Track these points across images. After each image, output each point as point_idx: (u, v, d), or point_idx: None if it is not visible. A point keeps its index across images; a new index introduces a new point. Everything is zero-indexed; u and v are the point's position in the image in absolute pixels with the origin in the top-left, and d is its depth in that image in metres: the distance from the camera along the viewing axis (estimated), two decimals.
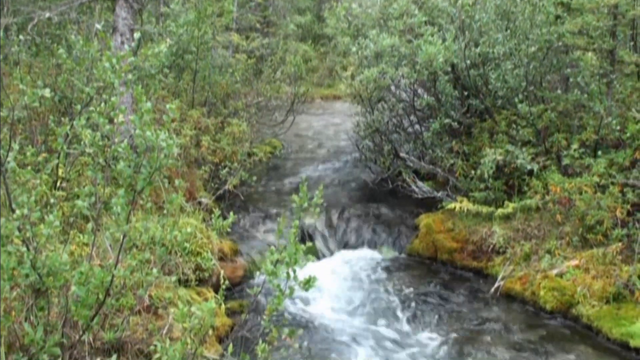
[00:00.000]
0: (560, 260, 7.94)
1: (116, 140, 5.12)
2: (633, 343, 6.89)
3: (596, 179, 8.18)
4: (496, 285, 8.32)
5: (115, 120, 5.19)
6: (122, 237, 4.84)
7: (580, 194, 8.15)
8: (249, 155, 10.80)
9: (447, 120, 10.03)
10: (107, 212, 5.94)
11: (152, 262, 5.83)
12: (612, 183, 8.10)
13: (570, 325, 7.49)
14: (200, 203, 8.78)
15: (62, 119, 7.13)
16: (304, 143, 14.60)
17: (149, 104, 4.46)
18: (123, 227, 4.71)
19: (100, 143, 5.52)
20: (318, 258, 9.38)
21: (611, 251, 7.64)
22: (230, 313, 7.25)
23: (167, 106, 4.74)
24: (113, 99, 5.13)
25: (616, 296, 7.35)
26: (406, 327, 7.55)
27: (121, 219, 4.76)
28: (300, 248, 4.68)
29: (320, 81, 21.06)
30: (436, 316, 7.77)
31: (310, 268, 7.82)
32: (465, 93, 10.40)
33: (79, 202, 4.96)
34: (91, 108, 5.73)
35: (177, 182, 5.58)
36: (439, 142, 10.35)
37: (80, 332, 4.93)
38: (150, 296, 6.11)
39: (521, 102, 9.26)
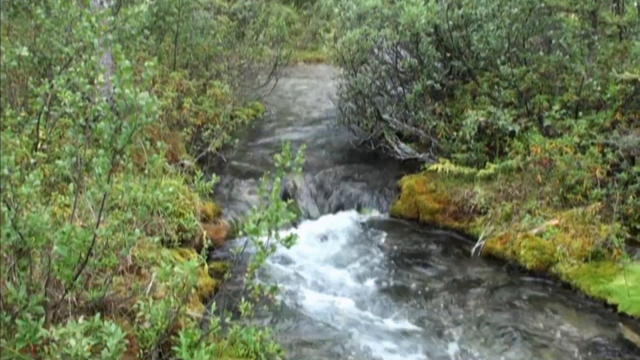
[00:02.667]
0: (540, 220, 8.03)
1: (96, 100, 5.08)
2: (611, 300, 7.03)
3: (577, 139, 8.25)
4: (477, 245, 8.41)
5: (96, 81, 5.16)
6: (103, 196, 4.83)
7: (561, 154, 8.22)
8: (232, 117, 10.75)
9: (429, 82, 10.03)
10: (89, 174, 5.92)
11: (135, 223, 5.84)
12: (593, 144, 8.17)
13: (550, 283, 7.61)
14: (182, 165, 8.77)
15: (42, 80, 7.06)
16: (287, 106, 14.55)
17: (127, 62, 4.42)
18: (104, 186, 4.70)
19: (81, 104, 5.50)
20: (300, 220, 9.41)
21: (590, 210, 7.73)
22: (214, 273, 7.29)
23: (146, 64, 4.70)
24: (93, 58, 5.09)
25: (595, 255, 7.46)
26: (387, 285, 7.63)
27: (102, 179, 4.75)
28: (281, 205, 4.70)
29: (303, 44, 20.89)
30: (417, 275, 7.86)
31: (292, 229, 7.92)
32: (448, 55, 10.40)
33: (59, 162, 4.95)
34: (71, 69, 5.70)
35: (159, 144, 5.57)
36: (421, 104, 10.36)
37: (64, 292, 4.94)
38: (133, 256, 6.12)
39: (503, 63, 9.28)
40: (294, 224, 9.04)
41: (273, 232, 4.83)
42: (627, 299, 6.89)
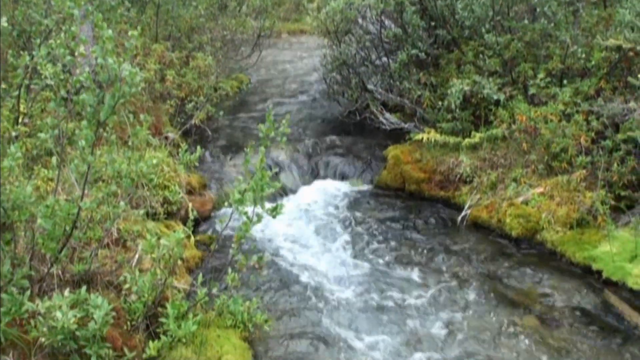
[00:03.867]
0: (525, 188, 8.06)
1: (77, 72, 5.02)
2: (595, 266, 7.08)
3: (561, 107, 8.26)
4: (463, 214, 8.43)
5: (76, 52, 5.09)
6: (87, 169, 4.79)
7: (546, 122, 8.22)
8: (215, 89, 10.67)
9: (414, 52, 9.98)
10: (72, 147, 5.87)
11: (119, 196, 5.81)
12: (577, 111, 8.17)
13: (535, 250, 7.65)
14: (167, 138, 8.71)
15: (22, 53, 6.96)
16: (271, 77, 14.48)
17: (110, 32, 4.36)
18: (87, 158, 4.66)
19: (62, 77, 5.43)
20: (286, 191, 9.40)
21: (575, 178, 7.76)
22: (200, 245, 7.28)
23: (130, 33, 4.64)
24: (73, 28, 5.01)
25: (580, 222, 7.50)
26: (374, 254, 7.65)
27: (85, 152, 4.70)
28: (266, 175, 4.68)
29: (286, 15, 20.74)
30: (403, 244, 7.89)
31: (278, 200, 7.90)
32: (432, 24, 10.33)
33: (41, 135, 4.90)
34: (51, 41, 5.62)
35: (142, 116, 5.52)
36: (406, 74, 10.31)
37: (49, 265, 4.93)
38: (118, 229, 6.10)
39: (488, 32, 9.24)
40: (280, 195, 9.04)
41: (258, 202, 4.81)
42: (612, 265, 6.94)
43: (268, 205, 4.98)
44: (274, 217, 4.95)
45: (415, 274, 7.20)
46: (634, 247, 6.96)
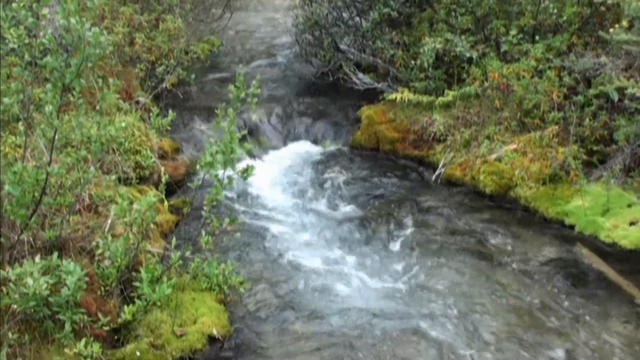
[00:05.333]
0: (499, 145, 8.08)
1: (41, 34, 4.90)
2: (568, 221, 7.16)
3: (534, 63, 8.26)
4: (437, 172, 8.46)
5: (40, 14, 4.96)
6: (53, 133, 4.71)
7: (518, 79, 8.23)
8: (186, 52, 10.49)
9: (386, 10, 9.88)
10: (39, 112, 5.76)
11: (89, 161, 5.73)
12: (550, 67, 8.18)
13: (509, 207, 7.71)
14: (137, 102, 8.58)
15: None
16: (243, 40, 14.30)
17: None
18: (53, 122, 4.58)
19: (27, 41, 5.31)
20: (260, 153, 9.35)
21: (548, 134, 7.79)
22: (174, 210, 7.22)
23: None
24: None
25: (552, 177, 7.56)
26: (348, 214, 7.68)
27: (51, 115, 4.62)
28: (235, 136, 4.63)
29: None
30: (377, 203, 7.91)
31: (252, 162, 7.86)
32: None
33: (5, 100, 4.79)
34: (14, 4, 5.47)
35: (111, 81, 5.43)
36: (378, 33, 10.22)
37: (19, 232, 4.86)
38: (90, 195, 6.03)
39: None
40: (254, 158, 8.99)
41: (229, 164, 4.77)
42: (584, 219, 7.02)
43: (239, 167, 4.95)
44: (244, 179, 4.91)
45: (389, 232, 7.23)
46: (606, 201, 7.04)
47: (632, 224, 6.77)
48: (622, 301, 5.97)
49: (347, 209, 7.80)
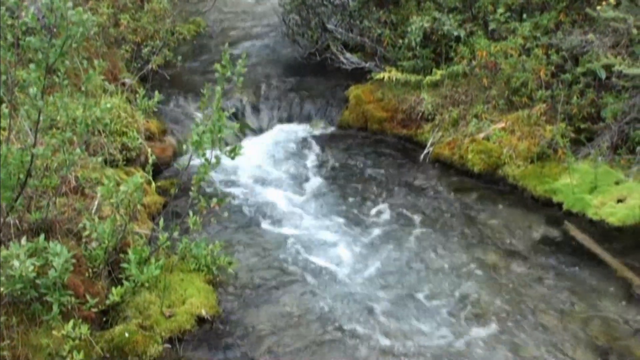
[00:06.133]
0: (487, 124, 8.07)
1: (23, 14, 4.84)
2: (556, 198, 7.17)
3: (521, 41, 8.23)
4: (426, 151, 8.45)
5: None
6: (38, 114, 4.67)
7: (506, 57, 8.20)
8: (172, 33, 10.41)
9: None
10: (23, 94, 5.71)
11: (75, 143, 5.69)
12: (537, 45, 8.15)
13: (497, 185, 7.71)
14: (123, 84, 8.51)
15: None
16: (230, 21, 14.16)
17: None
18: (38, 103, 4.53)
19: (9, 22, 5.25)
20: (248, 134, 9.31)
21: (535, 112, 7.79)
22: (162, 191, 7.20)
23: None
24: None
25: (540, 155, 7.56)
26: (336, 193, 7.67)
27: (35, 96, 4.57)
28: (223, 115, 4.60)
29: None
30: (365, 181, 7.91)
31: (240, 143, 7.83)
32: None
33: None
34: None
35: (96, 62, 5.38)
36: (366, 12, 10.16)
37: (5, 214, 4.83)
38: (76, 177, 5.99)
39: None
40: (241, 139, 8.95)
41: (216, 144, 4.75)
42: (572, 196, 7.03)
43: (227, 146, 4.92)
44: (232, 158, 4.89)
45: (377, 210, 7.25)
46: (594, 178, 7.05)
47: (619, 201, 6.80)
48: (609, 278, 6.01)
49: (335, 188, 7.79)
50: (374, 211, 7.24)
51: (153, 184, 7.04)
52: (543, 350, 5.12)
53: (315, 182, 7.96)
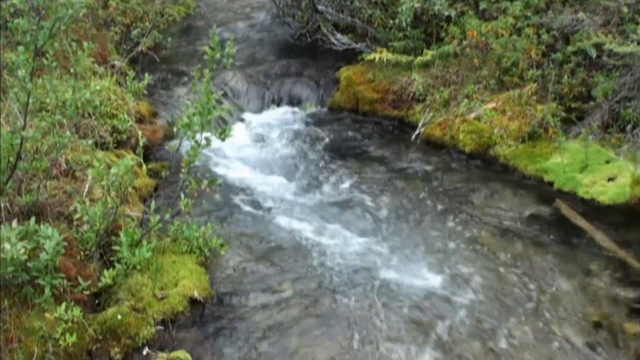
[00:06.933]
0: (478, 104, 8.07)
1: None
2: (547, 177, 7.20)
3: (512, 21, 8.21)
4: (417, 132, 8.45)
5: None
6: (27, 97, 4.64)
7: (497, 37, 8.19)
8: (162, 15, 10.36)
9: None
10: (12, 76, 5.67)
11: (65, 125, 5.67)
12: (528, 25, 8.13)
13: (489, 165, 7.73)
14: (113, 66, 8.46)
15: None
16: (220, 2, 14.09)
17: None
18: (27, 86, 4.51)
19: None
20: (238, 116, 9.28)
21: (526, 92, 7.79)
22: (153, 174, 7.18)
23: None
24: None
25: (531, 135, 7.58)
26: (328, 175, 7.66)
27: (24, 79, 4.54)
28: (212, 97, 4.58)
29: None
30: (357, 163, 7.91)
31: (231, 125, 7.81)
32: None
33: None
34: None
35: (85, 44, 5.34)
36: None
37: None
38: (67, 160, 5.97)
39: None
40: (232, 120, 8.92)
41: (206, 126, 4.73)
42: (563, 175, 7.06)
43: (217, 128, 4.91)
44: (222, 140, 4.88)
45: (368, 192, 7.24)
46: (584, 157, 7.08)
47: (610, 179, 6.83)
48: (600, 255, 6.04)
49: (326, 169, 7.79)
50: (365, 192, 7.24)
51: (144, 167, 7.02)
52: (533, 327, 5.15)
53: (306, 163, 7.96)
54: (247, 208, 6.90)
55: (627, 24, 7.29)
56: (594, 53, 7.38)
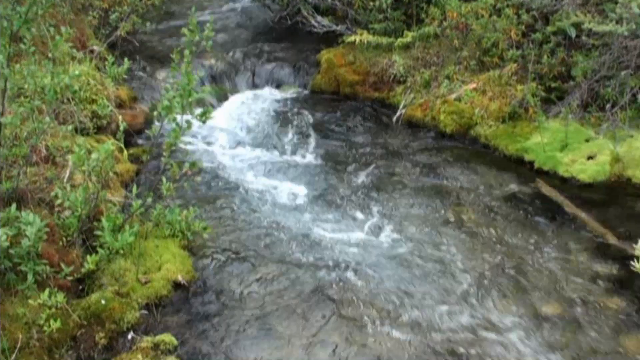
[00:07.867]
0: (458, 85, 8.11)
1: None
2: (527, 157, 7.26)
3: (492, 1, 8.24)
4: (398, 113, 8.47)
5: None
6: (4, 82, 4.60)
7: (477, 18, 8.23)
8: None
9: None
10: None
11: (44, 111, 5.62)
12: (507, 5, 8.17)
13: (470, 146, 7.80)
14: (92, 51, 8.38)
15: None
16: None
17: None
18: (3, 71, 4.46)
19: None
20: (220, 99, 9.25)
21: (506, 72, 7.84)
22: (134, 159, 7.14)
23: None
24: None
25: (512, 115, 7.63)
26: (309, 156, 7.69)
27: (1, 64, 4.50)
28: (192, 78, 4.56)
29: None
30: (338, 145, 7.94)
31: (212, 108, 7.78)
32: None
33: None
34: None
35: (63, 29, 5.29)
36: None
37: None
38: (47, 146, 5.92)
39: None
40: (213, 105, 8.88)
41: (187, 108, 4.71)
42: (543, 155, 7.12)
43: (197, 111, 4.89)
44: (203, 122, 4.86)
45: (350, 173, 7.26)
46: (564, 136, 7.14)
47: (589, 158, 6.90)
48: (580, 233, 6.10)
49: (308, 151, 7.80)
50: (347, 173, 7.26)
51: (125, 152, 6.99)
52: (514, 304, 5.20)
53: (288, 145, 7.96)
54: (229, 190, 6.89)
55: (605, 4, 7.32)
56: (573, 33, 7.42)
